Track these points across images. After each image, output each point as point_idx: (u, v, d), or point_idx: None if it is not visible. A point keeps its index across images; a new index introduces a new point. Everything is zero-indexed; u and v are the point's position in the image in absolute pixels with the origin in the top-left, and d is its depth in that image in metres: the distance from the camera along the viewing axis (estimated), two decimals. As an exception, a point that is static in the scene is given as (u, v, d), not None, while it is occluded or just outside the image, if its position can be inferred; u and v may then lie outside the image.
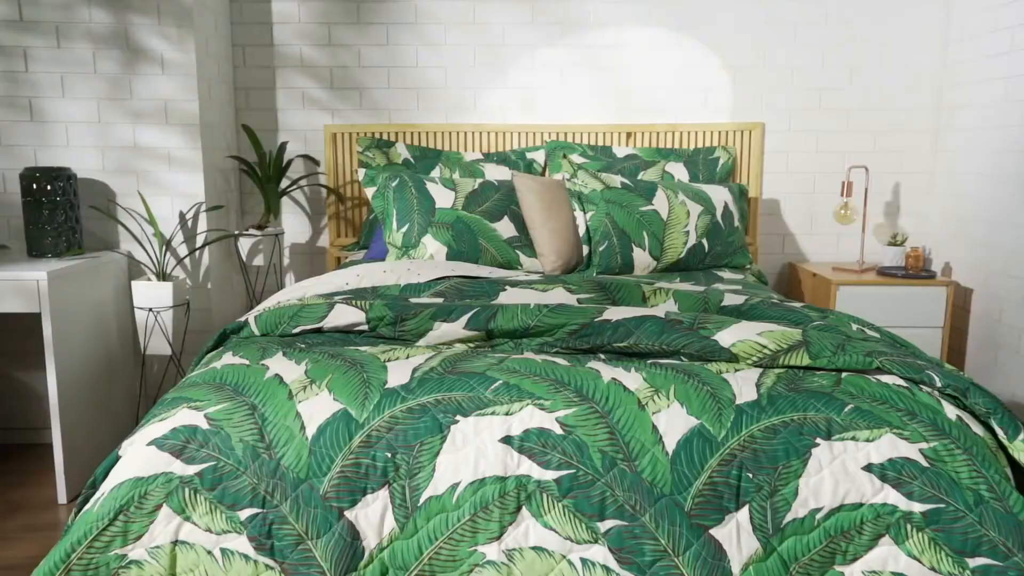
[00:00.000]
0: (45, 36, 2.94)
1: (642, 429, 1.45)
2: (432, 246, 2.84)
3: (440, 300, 1.97)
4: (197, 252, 3.12)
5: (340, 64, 3.44)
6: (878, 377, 1.57)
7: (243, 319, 1.88)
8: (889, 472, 1.41)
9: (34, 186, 2.77)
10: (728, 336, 1.63)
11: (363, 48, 3.43)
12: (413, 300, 1.96)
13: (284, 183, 3.47)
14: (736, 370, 1.59)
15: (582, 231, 2.96)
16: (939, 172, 3.47)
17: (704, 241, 2.94)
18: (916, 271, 3.17)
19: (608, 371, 1.57)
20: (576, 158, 3.35)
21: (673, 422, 1.46)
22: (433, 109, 3.49)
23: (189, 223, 3.10)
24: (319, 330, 1.85)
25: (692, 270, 2.96)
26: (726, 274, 2.89)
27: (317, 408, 1.49)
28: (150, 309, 2.87)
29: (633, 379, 1.54)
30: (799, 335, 1.63)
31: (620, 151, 3.40)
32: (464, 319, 1.75)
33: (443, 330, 1.76)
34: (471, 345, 1.77)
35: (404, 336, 1.79)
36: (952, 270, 3.34)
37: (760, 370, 1.60)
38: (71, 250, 2.85)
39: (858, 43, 3.41)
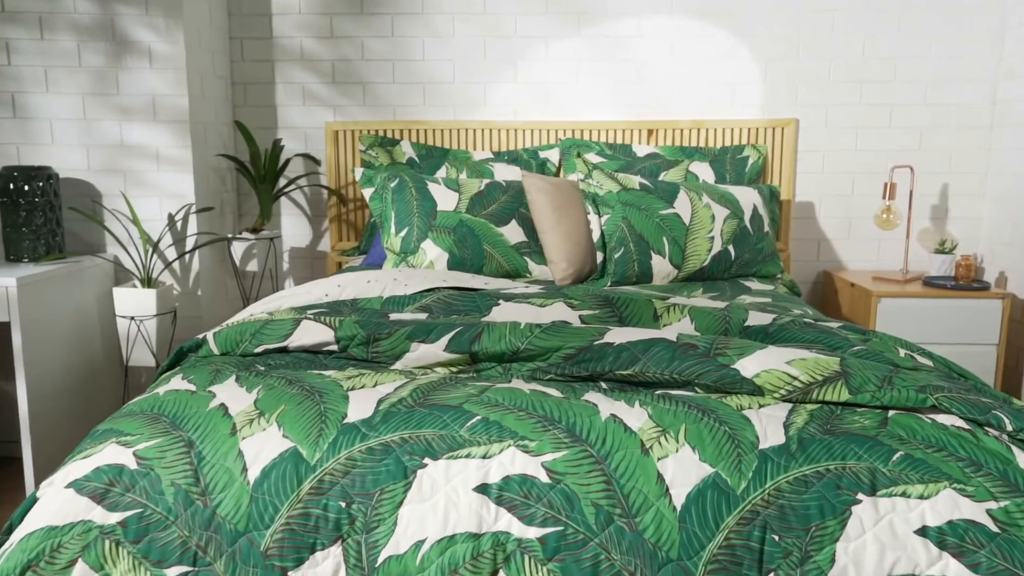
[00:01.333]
0: (28, 27, 2.78)
1: (645, 478, 1.21)
2: (432, 252, 2.62)
3: (424, 316, 1.74)
4: (187, 256, 2.93)
5: (342, 57, 3.24)
6: (933, 417, 1.31)
7: (201, 336, 1.68)
8: (949, 538, 1.15)
9: (11, 186, 2.60)
10: (751, 365, 1.38)
11: (366, 40, 3.22)
12: (393, 316, 1.73)
13: (283, 183, 3.27)
14: (760, 406, 1.34)
15: (596, 236, 2.72)
16: (992, 172, 3.16)
17: (730, 248, 2.68)
18: (967, 281, 2.87)
19: (607, 405, 1.33)
20: (593, 157, 3.11)
21: (683, 470, 1.22)
22: (440, 105, 3.27)
23: (179, 225, 2.92)
24: (285, 349, 1.64)
25: (716, 279, 2.70)
26: (754, 284, 2.62)
27: (263, 446, 1.28)
28: (132, 318, 2.69)
29: (636, 415, 1.30)
30: (836, 364, 1.38)
31: (640, 150, 3.15)
32: (444, 340, 1.52)
33: (421, 352, 1.53)
34: (454, 370, 1.54)
35: (378, 358, 1.57)
36: (1007, 280, 3.03)
37: (789, 406, 1.35)
38: (50, 254, 2.68)
39: (903, 31, 3.12)
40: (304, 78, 3.26)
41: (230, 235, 3.05)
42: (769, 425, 1.28)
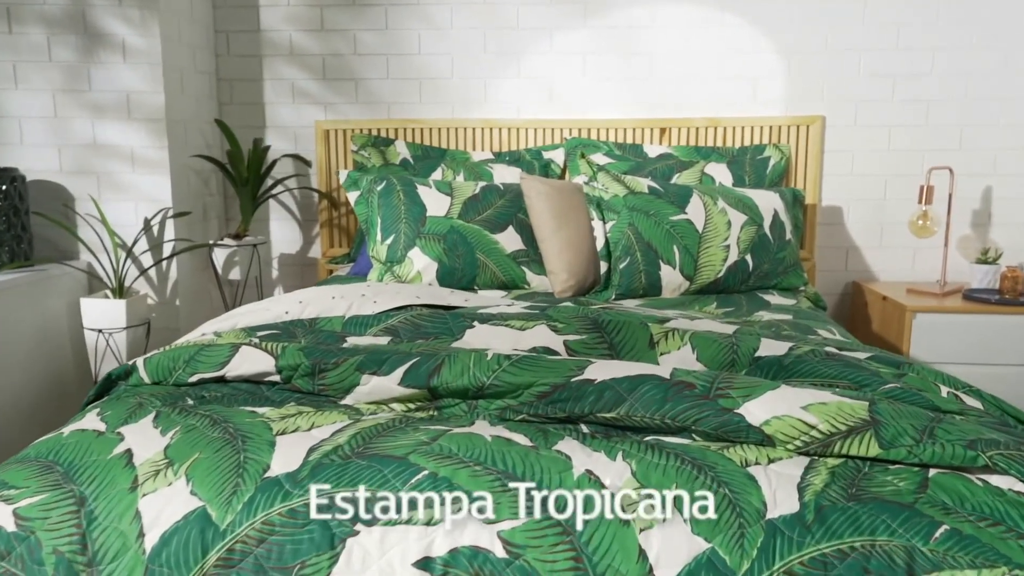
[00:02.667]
0: (-4, 20, 2.61)
1: (623, 555, 0.98)
2: (420, 261, 2.41)
3: (387, 339, 1.53)
4: (164, 264, 2.75)
5: (334, 52, 3.03)
6: (985, 478, 1.06)
7: (131, 362, 1.48)
8: (1007, 642, 0.90)
9: (-28, 189, 2.43)
10: (759, 409, 1.14)
11: (359, 33, 3.02)
12: (351, 340, 1.52)
13: (270, 185, 3.07)
14: (770, 460, 1.10)
15: (600, 244, 2.49)
16: (1041, 175, 2.87)
17: (748, 257, 2.43)
18: (1013, 295, 2.59)
19: (582, 458, 1.10)
20: (600, 158, 2.88)
21: (671, 545, 0.99)
22: (438, 102, 3.06)
23: (155, 231, 2.73)
24: (223, 379, 1.43)
25: (732, 292, 2.46)
26: (774, 298, 2.38)
27: (166, 505, 1.06)
28: (100, 330, 2.50)
29: (617, 472, 1.07)
30: (864, 410, 1.13)
31: (652, 150, 2.91)
32: (399, 372, 1.30)
33: (373, 385, 1.31)
34: (412, 406, 1.32)
35: (325, 391, 1.36)
36: (1058, 294, 2.74)
37: (806, 461, 1.11)
38: (15, 262, 2.50)
39: (942, 19, 2.84)
40: (293, 74, 3.06)
41: (211, 241, 2.86)
42: (780, 487, 1.04)
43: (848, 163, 2.97)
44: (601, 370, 1.23)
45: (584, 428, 1.22)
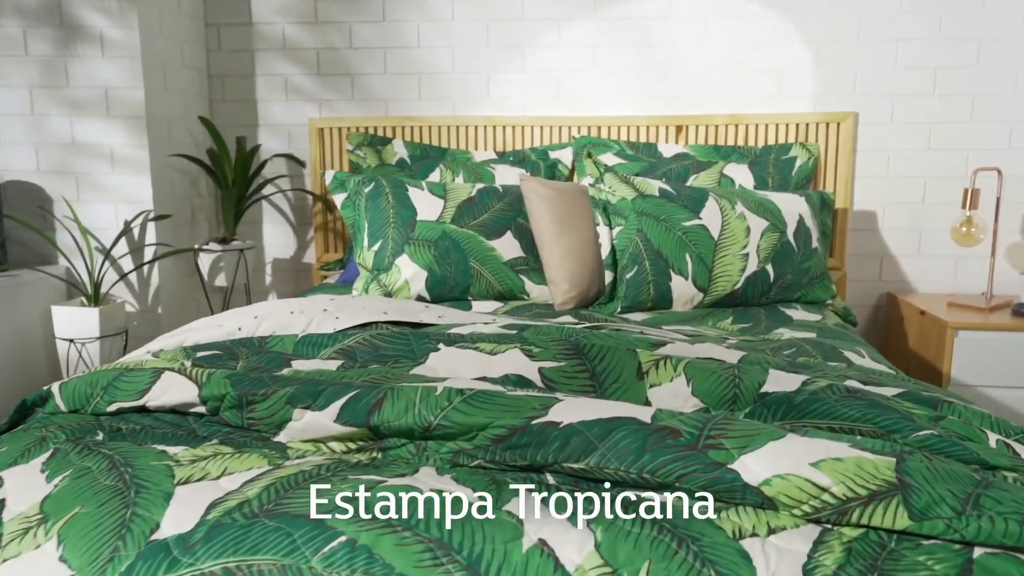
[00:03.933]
0: (-30, 13, 2.48)
1: (577, 656, 0.77)
2: (408, 270, 2.22)
3: (340, 363, 1.34)
4: (145, 270, 2.60)
5: (328, 45, 2.86)
6: (1046, 563, 0.83)
7: (47, 388, 1.30)
8: None
9: (-61, 190, 2.31)
10: (759, 464, 0.92)
11: (355, 26, 2.84)
12: (297, 363, 1.33)
13: (260, 187, 2.90)
14: (771, 530, 0.89)
15: (606, 252, 2.28)
16: (1101, 177, 2.59)
17: (769, 267, 2.21)
18: (1069, 312, 2.33)
19: (536, 524, 0.89)
20: (610, 158, 2.66)
21: (638, 644, 0.78)
22: (438, 98, 2.87)
23: (136, 235, 2.58)
24: (144, 409, 1.25)
25: (751, 306, 2.23)
26: (797, 313, 2.14)
27: (28, 574, 0.88)
28: (71, 340, 2.36)
29: (578, 543, 0.86)
30: (890, 469, 0.91)
31: (667, 149, 2.69)
32: (335, 407, 1.10)
33: (307, 421, 1.12)
34: (353, 446, 1.12)
35: (256, 426, 1.17)
36: (1120, 310, 2.46)
37: (816, 530, 0.89)
38: (-15, 267, 2.37)
39: (988, 5, 2.58)
40: (286, 69, 2.90)
41: (196, 246, 2.70)
42: (780, 568, 0.83)
43: (883, 164, 2.72)
44: (568, 411, 1.03)
45: (550, 478, 1.02)
